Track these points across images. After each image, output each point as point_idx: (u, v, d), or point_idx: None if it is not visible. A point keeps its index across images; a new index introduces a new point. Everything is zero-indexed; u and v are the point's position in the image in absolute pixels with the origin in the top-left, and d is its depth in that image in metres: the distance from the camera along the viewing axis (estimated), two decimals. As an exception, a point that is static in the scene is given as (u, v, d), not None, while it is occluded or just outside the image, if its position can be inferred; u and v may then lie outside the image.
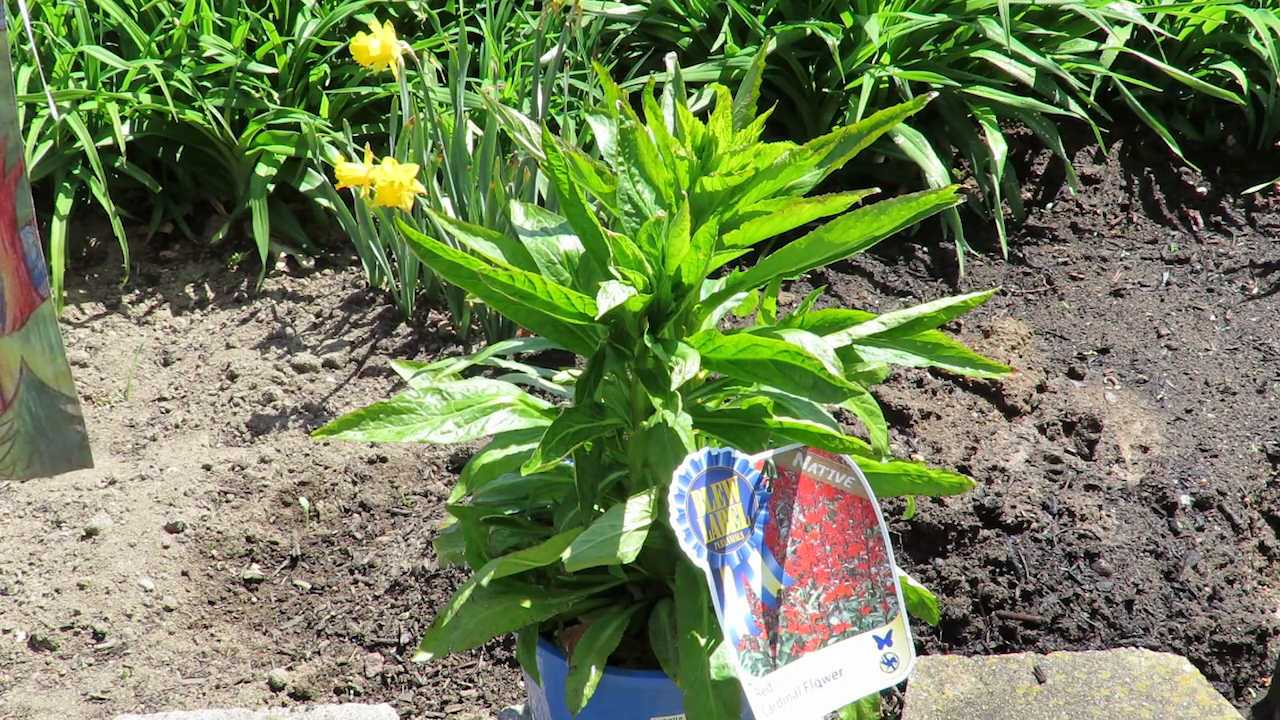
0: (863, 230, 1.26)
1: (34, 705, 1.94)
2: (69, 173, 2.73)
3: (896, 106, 1.27)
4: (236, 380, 2.53)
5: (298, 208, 2.89)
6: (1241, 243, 2.99)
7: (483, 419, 1.32)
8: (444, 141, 2.56)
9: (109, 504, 2.25)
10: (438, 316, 2.68)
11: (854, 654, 1.25)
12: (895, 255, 2.87)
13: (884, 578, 1.26)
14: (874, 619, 1.26)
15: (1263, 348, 2.69)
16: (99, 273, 2.80)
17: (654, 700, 1.42)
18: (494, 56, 2.80)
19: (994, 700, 1.84)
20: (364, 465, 2.34)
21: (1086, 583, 2.08)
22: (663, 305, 1.28)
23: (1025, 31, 2.95)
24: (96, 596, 2.09)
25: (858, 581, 1.26)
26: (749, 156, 1.24)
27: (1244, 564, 2.19)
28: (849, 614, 1.26)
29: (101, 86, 2.74)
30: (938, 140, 2.92)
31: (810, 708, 1.23)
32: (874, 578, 1.26)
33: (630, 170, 1.27)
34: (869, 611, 1.26)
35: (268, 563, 2.18)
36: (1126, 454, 2.39)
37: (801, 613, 1.25)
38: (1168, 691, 1.85)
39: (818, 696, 1.24)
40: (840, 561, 1.26)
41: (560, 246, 1.36)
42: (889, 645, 1.26)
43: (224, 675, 1.99)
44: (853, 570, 1.26)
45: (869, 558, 1.26)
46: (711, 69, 2.88)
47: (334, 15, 2.86)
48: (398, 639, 2.06)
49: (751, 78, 1.33)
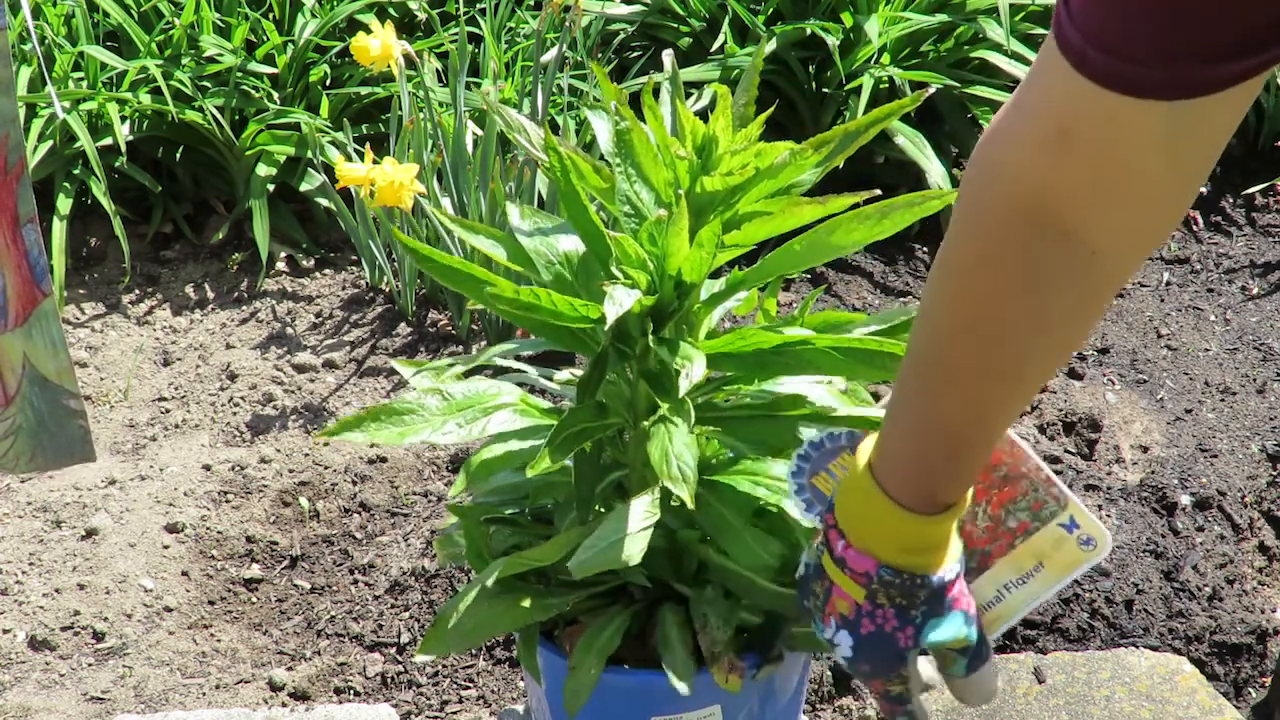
0: (864, 233, 1.26)
1: (34, 705, 1.94)
2: (69, 173, 2.73)
3: (895, 103, 1.27)
4: (236, 380, 2.53)
5: (298, 208, 2.89)
6: (1241, 243, 2.99)
7: (484, 419, 1.32)
8: (444, 141, 2.57)
9: (109, 504, 2.25)
10: (438, 316, 2.68)
11: (1047, 545, 1.21)
12: (895, 255, 2.87)
13: (1036, 471, 1.21)
14: (1050, 510, 1.21)
15: (1263, 348, 2.69)
16: (99, 273, 2.80)
17: (654, 700, 1.41)
18: (494, 56, 2.80)
19: (994, 700, 1.84)
20: (364, 465, 2.34)
21: (1086, 583, 2.08)
22: (665, 305, 1.28)
23: (1025, 31, 2.96)
24: (96, 596, 2.09)
25: (1017, 483, 1.21)
26: (749, 156, 1.24)
27: (1244, 564, 2.19)
28: (1024, 514, 1.21)
29: (101, 86, 2.74)
30: (938, 140, 2.92)
31: (1017, 603, 1.20)
32: (1028, 474, 1.21)
33: (628, 171, 1.27)
34: (1040, 506, 1.21)
35: (268, 563, 2.18)
36: (1126, 454, 2.39)
37: (975, 530, 1.22)
38: (1168, 691, 1.85)
39: (1024, 591, 1.20)
40: (990, 473, 1.22)
41: (559, 247, 1.36)
42: (1077, 528, 1.21)
43: (224, 675, 2.00)
44: (1005, 476, 1.22)
45: (1013, 460, 1.22)
46: (711, 69, 2.88)
47: (334, 15, 2.86)
48: (398, 639, 2.06)
49: (751, 77, 1.33)
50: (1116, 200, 0.89)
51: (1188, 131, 0.85)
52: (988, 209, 0.93)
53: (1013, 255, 0.93)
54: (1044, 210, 0.90)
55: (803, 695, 1.58)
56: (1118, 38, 0.82)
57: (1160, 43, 0.80)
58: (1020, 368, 0.99)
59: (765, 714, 1.49)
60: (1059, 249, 0.92)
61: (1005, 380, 1.00)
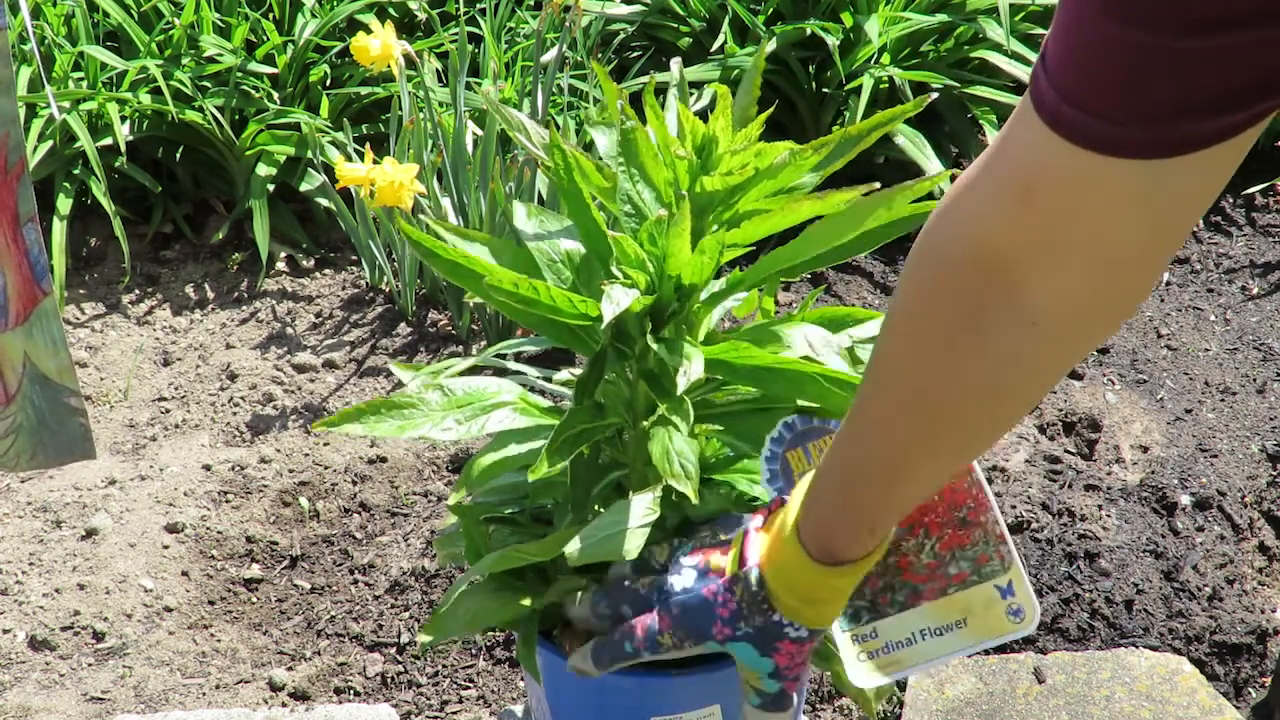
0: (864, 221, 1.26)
1: (34, 705, 1.94)
2: (69, 173, 2.73)
3: (896, 108, 1.27)
4: (236, 380, 2.53)
5: (298, 208, 2.89)
6: (1241, 243, 2.99)
7: (483, 417, 1.32)
8: (444, 141, 2.57)
9: (109, 504, 2.25)
10: (438, 316, 2.68)
11: (978, 603, 1.19)
12: (895, 255, 2.87)
13: (992, 525, 1.20)
14: (992, 568, 1.19)
15: (1263, 348, 2.69)
16: (99, 273, 2.80)
17: (654, 700, 1.41)
18: (494, 56, 2.80)
19: (994, 700, 1.84)
20: (364, 465, 2.34)
21: (1086, 583, 2.08)
22: (664, 305, 1.28)
23: (1025, 31, 2.96)
24: (96, 596, 2.09)
25: (971, 530, 1.20)
26: (749, 156, 1.24)
27: (1244, 564, 2.19)
28: (967, 564, 1.20)
29: (101, 86, 2.74)
30: (938, 140, 2.92)
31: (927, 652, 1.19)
32: (984, 525, 1.20)
33: (630, 171, 1.27)
34: (985, 561, 1.20)
35: (268, 563, 2.18)
36: (1126, 454, 2.39)
37: (917, 562, 1.20)
38: (1168, 691, 1.85)
39: (938, 643, 1.19)
40: (950, 510, 1.20)
41: (561, 246, 1.36)
42: (1012, 595, 1.19)
43: (224, 675, 1.99)
44: (963, 519, 1.20)
45: (976, 505, 1.20)
46: (711, 69, 2.88)
47: (334, 15, 2.86)
48: (398, 639, 2.06)
49: (751, 77, 1.33)
50: (1073, 265, 0.85)
51: (1167, 190, 0.81)
52: (941, 251, 0.90)
53: (956, 301, 0.90)
54: (994, 264, 0.87)
55: (803, 695, 1.58)
56: (1091, 95, 0.78)
57: (1136, 100, 0.77)
58: (940, 426, 0.97)
59: (765, 714, 1.49)
60: (1003, 306, 0.88)
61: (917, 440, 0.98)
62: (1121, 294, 0.89)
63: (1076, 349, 0.92)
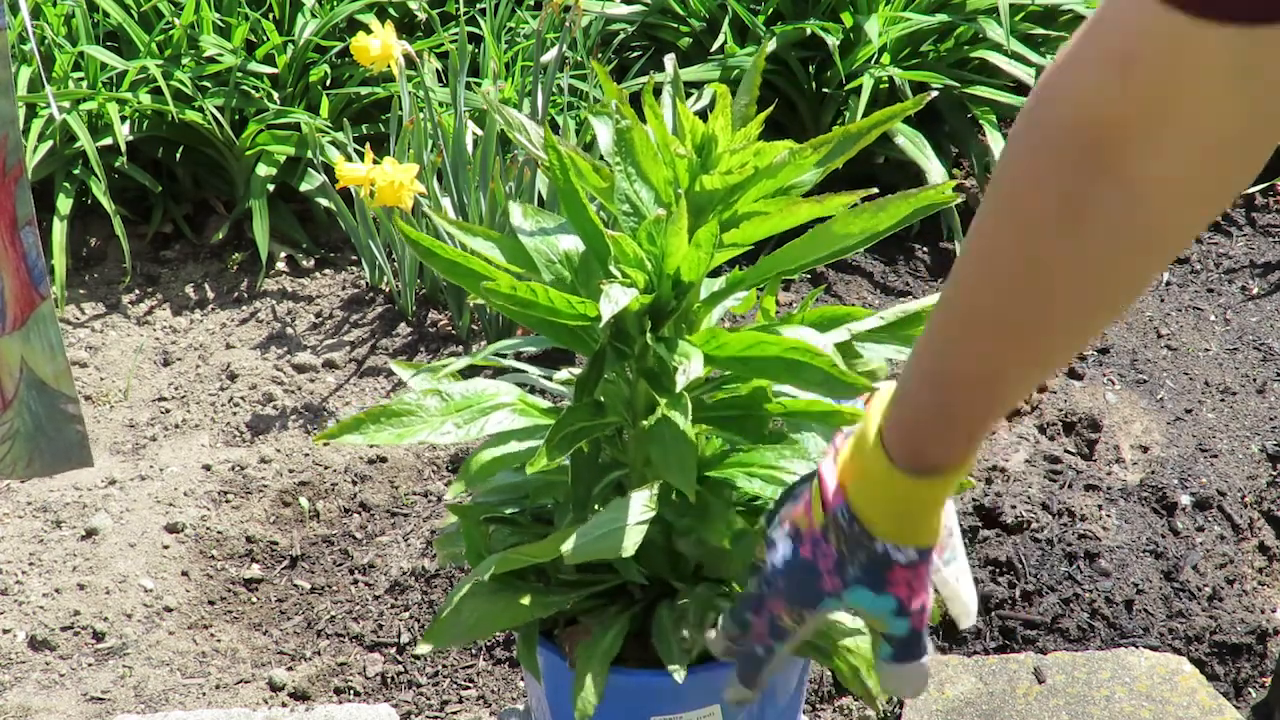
0: (863, 225, 1.26)
1: (34, 705, 1.94)
2: (69, 173, 2.73)
3: (896, 106, 1.27)
4: (236, 380, 2.53)
5: (298, 208, 2.89)
6: (1241, 243, 2.99)
7: (482, 419, 1.32)
8: (444, 141, 2.57)
9: (109, 504, 2.25)
10: (438, 316, 2.68)
11: None
12: (895, 255, 2.87)
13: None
14: None
15: (1263, 348, 2.69)
16: (99, 273, 2.80)
17: (654, 700, 1.42)
18: (494, 56, 2.80)
19: (994, 700, 1.84)
20: (364, 465, 2.34)
21: (1086, 583, 2.08)
22: (663, 304, 1.28)
23: (1025, 31, 2.95)
24: (96, 596, 2.09)
25: None
26: (748, 155, 1.24)
27: (1244, 564, 2.19)
28: None
29: (101, 86, 2.74)
30: (938, 140, 2.92)
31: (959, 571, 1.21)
32: None
33: (628, 170, 1.27)
34: None
35: (268, 563, 2.18)
36: (1126, 454, 2.39)
37: None
38: (1168, 691, 1.85)
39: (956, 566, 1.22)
40: None
41: (560, 246, 1.36)
42: None
43: (224, 675, 1.99)
44: None
45: None
46: (711, 69, 2.88)
47: (334, 15, 2.86)
48: (398, 639, 2.06)
49: (751, 77, 1.33)
50: (1170, 141, 0.80)
51: (1264, 72, 0.74)
52: (1043, 124, 0.85)
53: (1057, 180, 0.84)
54: (1093, 139, 0.82)
55: (803, 695, 1.58)
56: None
57: None
58: (1043, 319, 0.91)
59: (765, 714, 1.49)
60: (1103, 184, 0.83)
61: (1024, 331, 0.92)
62: (1218, 180, 0.84)
63: (1179, 228, 0.87)
